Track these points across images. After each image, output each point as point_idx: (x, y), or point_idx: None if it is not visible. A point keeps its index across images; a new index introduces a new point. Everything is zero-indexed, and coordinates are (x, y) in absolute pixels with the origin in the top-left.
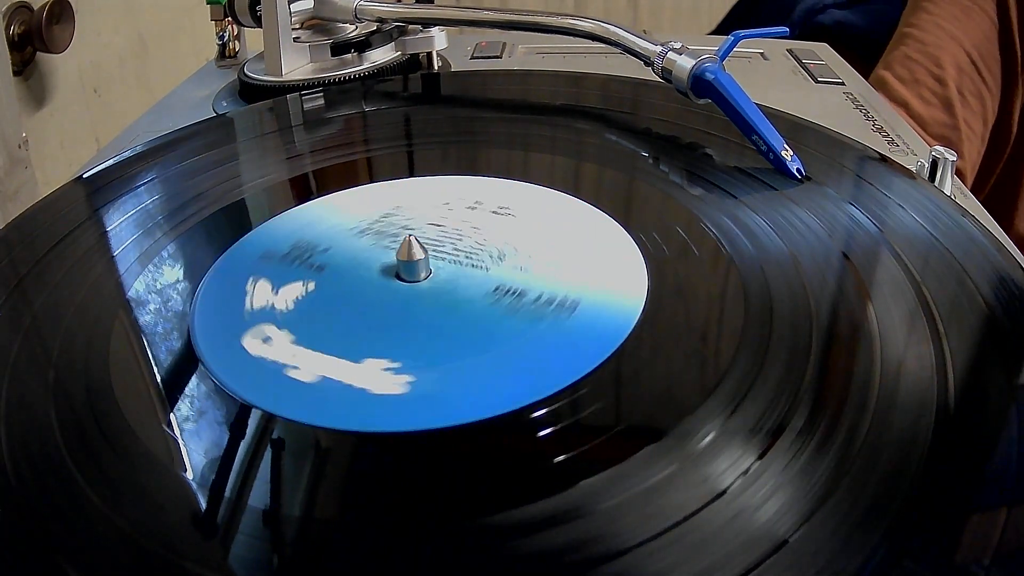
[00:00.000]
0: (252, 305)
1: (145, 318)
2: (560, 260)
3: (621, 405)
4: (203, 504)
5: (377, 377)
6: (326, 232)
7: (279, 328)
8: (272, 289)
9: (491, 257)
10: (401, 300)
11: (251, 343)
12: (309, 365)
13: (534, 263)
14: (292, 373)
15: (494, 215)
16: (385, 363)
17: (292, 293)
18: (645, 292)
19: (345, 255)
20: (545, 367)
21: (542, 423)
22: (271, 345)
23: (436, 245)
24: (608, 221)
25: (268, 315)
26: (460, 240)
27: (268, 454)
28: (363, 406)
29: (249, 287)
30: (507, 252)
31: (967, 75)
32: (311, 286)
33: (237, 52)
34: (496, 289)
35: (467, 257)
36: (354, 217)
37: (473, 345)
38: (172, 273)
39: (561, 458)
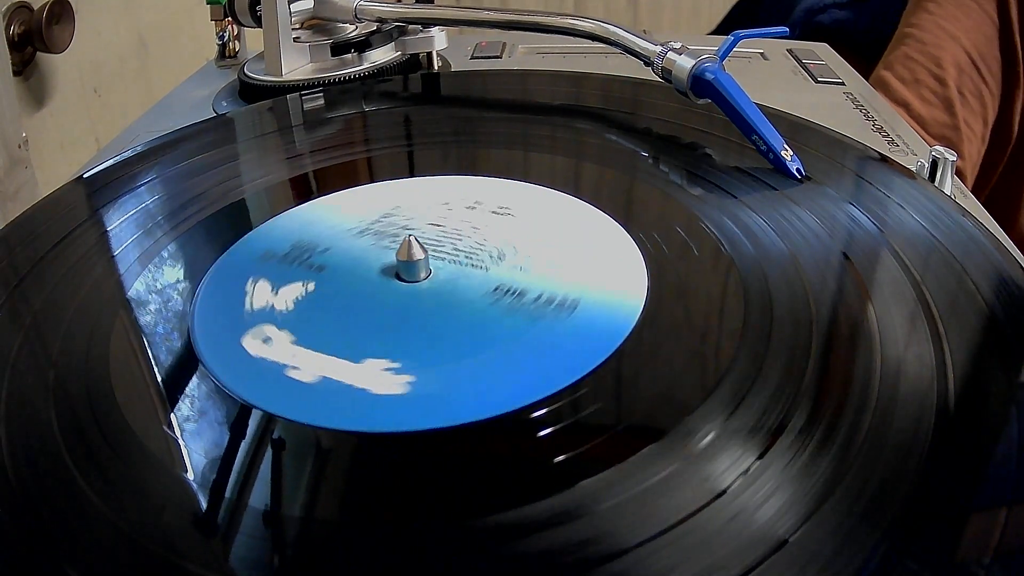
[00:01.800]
0: (252, 306)
1: (145, 318)
2: (560, 260)
3: (621, 405)
4: (203, 504)
5: (377, 377)
6: (326, 232)
7: (279, 328)
8: (272, 289)
9: (491, 257)
10: (401, 300)
11: (251, 343)
12: (309, 365)
13: (534, 263)
14: (292, 373)
15: (494, 215)
16: (385, 363)
17: (292, 293)
18: (645, 292)
19: (345, 255)
20: (545, 367)
21: (542, 423)
22: (271, 345)
23: (436, 245)
24: (608, 221)
25: (268, 315)
26: (460, 240)
27: (268, 454)
28: (363, 406)
29: (249, 287)
30: (507, 252)
31: (967, 75)
32: (311, 286)
33: (237, 52)
34: (496, 289)
35: (467, 257)
36: (354, 217)
37: (473, 345)
38: (172, 273)
39: (561, 458)
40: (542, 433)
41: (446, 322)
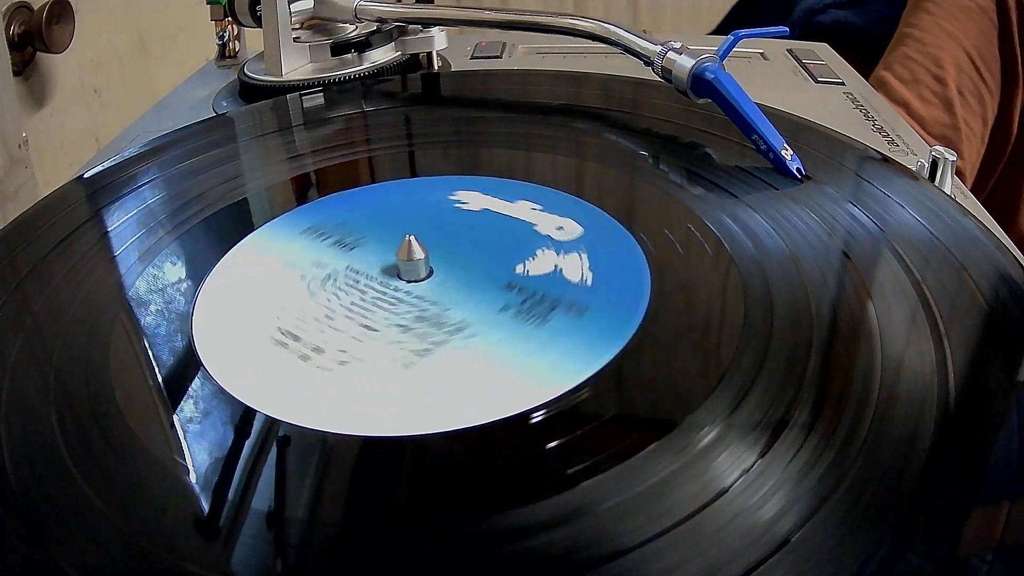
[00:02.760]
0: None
1: (146, 318)
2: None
3: (623, 404)
4: (204, 506)
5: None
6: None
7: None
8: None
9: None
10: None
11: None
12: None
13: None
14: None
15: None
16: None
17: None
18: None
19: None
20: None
21: (544, 422)
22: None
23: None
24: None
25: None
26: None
27: (269, 457)
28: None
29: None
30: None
31: (967, 75)
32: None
33: (237, 52)
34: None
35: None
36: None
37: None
38: (173, 273)
39: (563, 458)
40: (544, 433)
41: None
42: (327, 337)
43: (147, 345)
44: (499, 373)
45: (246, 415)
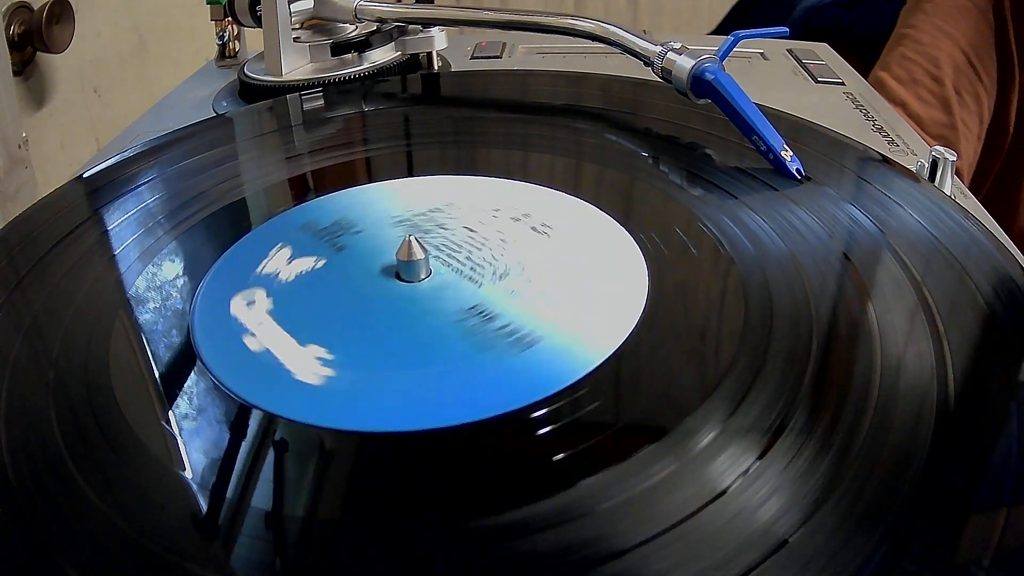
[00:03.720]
0: (263, 269)
1: (145, 318)
2: (555, 293)
3: (621, 405)
4: (203, 504)
5: (307, 364)
6: (370, 215)
7: (267, 295)
8: (289, 258)
9: (493, 274)
10: (380, 297)
11: (237, 302)
12: (264, 335)
13: (529, 290)
14: (247, 339)
15: (532, 231)
16: (322, 352)
17: (301, 266)
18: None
19: (370, 241)
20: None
21: (542, 423)
22: (250, 308)
23: (453, 250)
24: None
25: (268, 281)
26: (479, 250)
27: (268, 454)
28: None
29: (273, 251)
30: (512, 271)
31: (964, 75)
32: (320, 263)
33: (237, 52)
34: (472, 308)
35: (471, 269)
36: (403, 206)
37: (413, 358)
38: (172, 272)
39: (561, 458)
40: (543, 433)
41: (404, 329)
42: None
43: (147, 344)
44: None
45: (246, 413)
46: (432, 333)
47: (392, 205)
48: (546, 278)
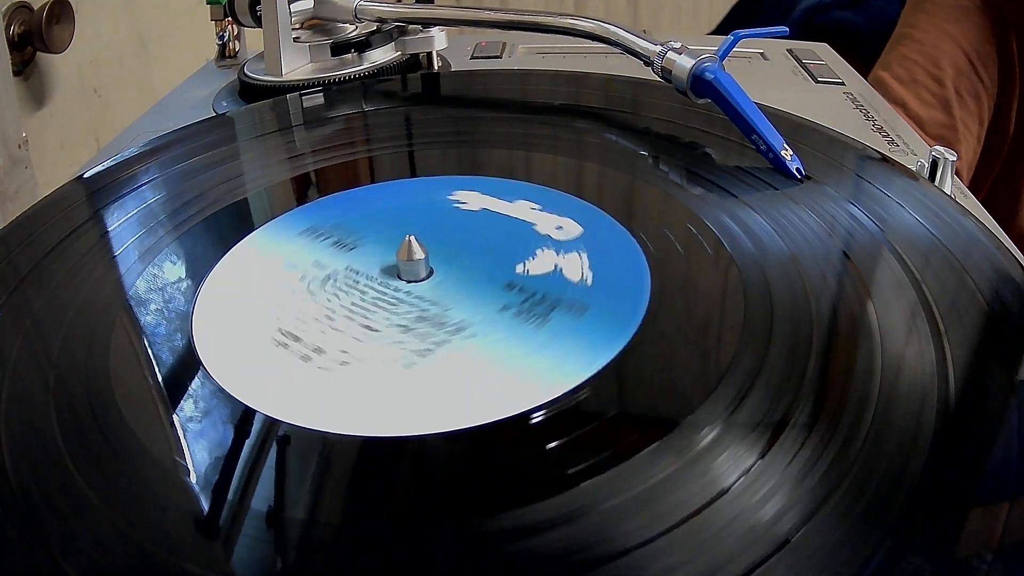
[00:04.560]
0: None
1: (145, 318)
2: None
3: (623, 404)
4: (204, 505)
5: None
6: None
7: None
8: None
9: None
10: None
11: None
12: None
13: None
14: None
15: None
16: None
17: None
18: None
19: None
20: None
21: (544, 422)
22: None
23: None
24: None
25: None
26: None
27: (269, 457)
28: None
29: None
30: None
31: (964, 75)
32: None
33: (237, 52)
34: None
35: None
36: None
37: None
38: (173, 273)
39: (564, 458)
40: (544, 433)
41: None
42: (328, 338)
43: (147, 345)
44: (499, 373)
45: (246, 415)
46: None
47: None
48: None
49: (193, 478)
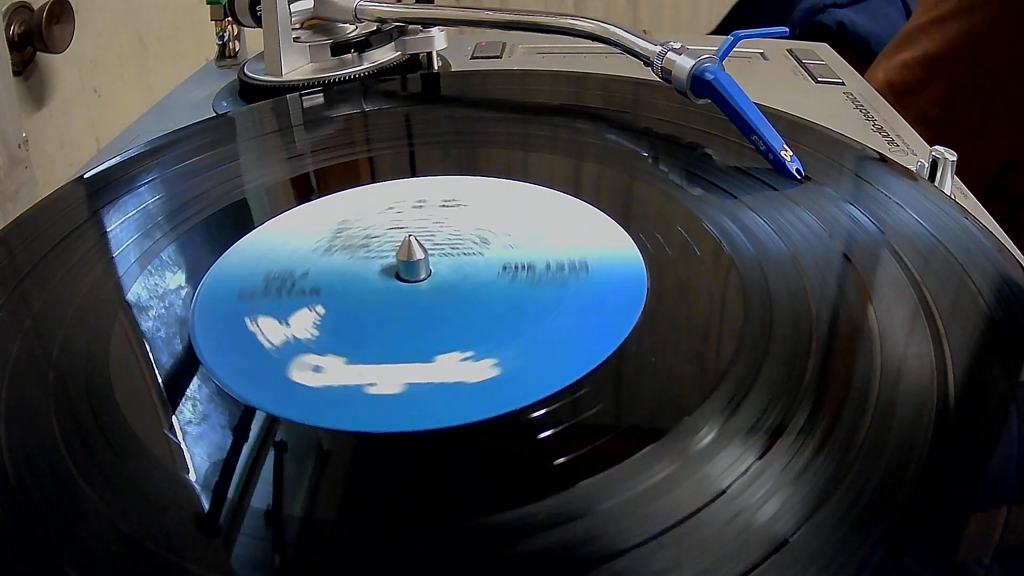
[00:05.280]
0: (272, 342)
1: (145, 319)
2: (541, 232)
3: (621, 405)
4: (204, 505)
5: (460, 369)
6: (291, 258)
7: (321, 355)
8: (280, 322)
9: (475, 243)
10: (423, 298)
11: (303, 376)
12: (385, 378)
13: (521, 240)
14: (373, 391)
15: (444, 207)
16: (458, 355)
17: (305, 321)
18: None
19: (330, 274)
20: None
21: (542, 423)
22: (327, 373)
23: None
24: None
25: (299, 347)
26: (433, 236)
27: (269, 455)
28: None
29: (253, 327)
30: (487, 236)
31: (969, 80)
32: (319, 309)
33: (237, 52)
34: (504, 268)
35: (452, 248)
36: (308, 238)
37: (522, 319)
38: (173, 273)
39: (561, 458)
40: (542, 434)
41: (483, 305)
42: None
43: (147, 345)
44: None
45: (246, 414)
46: (508, 297)
47: (297, 242)
48: (521, 230)
49: (194, 477)
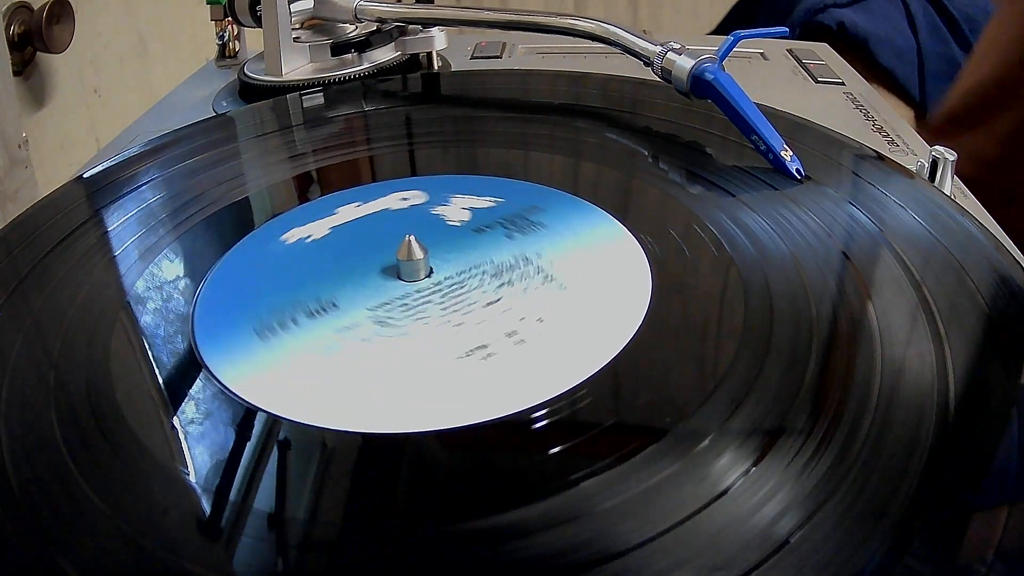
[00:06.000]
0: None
1: (146, 319)
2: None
3: (622, 405)
4: (205, 505)
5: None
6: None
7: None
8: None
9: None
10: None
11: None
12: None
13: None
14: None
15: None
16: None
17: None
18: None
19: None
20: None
21: (543, 423)
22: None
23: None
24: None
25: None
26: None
27: (270, 456)
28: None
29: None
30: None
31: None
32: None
33: (237, 52)
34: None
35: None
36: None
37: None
38: (173, 273)
39: (562, 459)
40: (543, 435)
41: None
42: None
43: (147, 345)
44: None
45: (247, 414)
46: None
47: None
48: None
49: (194, 478)
